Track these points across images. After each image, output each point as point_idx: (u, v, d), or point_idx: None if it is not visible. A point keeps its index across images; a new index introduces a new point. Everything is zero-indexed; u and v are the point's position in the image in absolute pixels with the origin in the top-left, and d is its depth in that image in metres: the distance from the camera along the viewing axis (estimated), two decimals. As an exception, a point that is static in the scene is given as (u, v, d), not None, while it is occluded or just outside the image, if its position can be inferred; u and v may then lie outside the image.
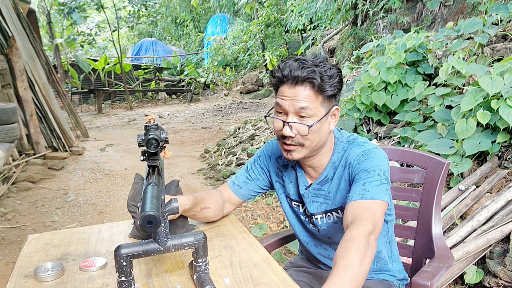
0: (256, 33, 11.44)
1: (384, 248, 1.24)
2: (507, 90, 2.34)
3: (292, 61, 1.07)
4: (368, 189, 1.02)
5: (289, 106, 1.06)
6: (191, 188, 4.18)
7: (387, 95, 3.44)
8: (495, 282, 1.91)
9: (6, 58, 5.13)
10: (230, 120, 8.75)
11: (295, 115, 1.06)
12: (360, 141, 1.15)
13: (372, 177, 1.04)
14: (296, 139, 1.08)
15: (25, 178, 4.40)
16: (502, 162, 2.49)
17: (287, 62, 1.07)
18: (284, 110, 1.07)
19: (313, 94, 1.05)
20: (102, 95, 11.59)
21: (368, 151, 1.10)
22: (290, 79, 1.05)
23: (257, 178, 1.30)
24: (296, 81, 1.05)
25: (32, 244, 1.17)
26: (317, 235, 1.25)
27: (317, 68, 1.04)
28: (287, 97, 1.06)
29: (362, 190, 1.03)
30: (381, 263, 1.23)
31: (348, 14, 7.23)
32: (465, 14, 4.95)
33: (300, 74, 1.03)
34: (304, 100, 1.05)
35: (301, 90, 1.05)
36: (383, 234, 1.22)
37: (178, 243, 0.86)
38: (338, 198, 1.16)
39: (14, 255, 2.84)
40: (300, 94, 1.05)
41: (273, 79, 1.10)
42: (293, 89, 1.05)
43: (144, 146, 0.91)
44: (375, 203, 1.00)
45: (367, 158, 1.08)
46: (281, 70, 1.07)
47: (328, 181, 1.17)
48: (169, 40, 20.20)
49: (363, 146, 1.12)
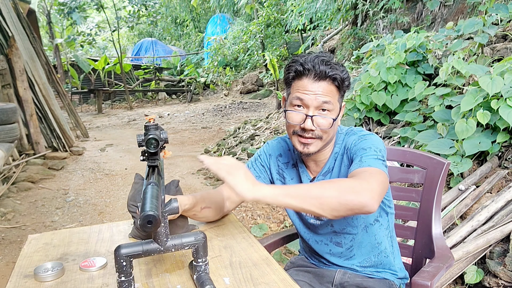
0: (256, 33, 11.44)
1: (386, 241, 1.24)
2: (507, 90, 2.34)
3: (313, 56, 1.09)
4: (364, 160, 1.05)
5: (313, 100, 1.08)
6: (191, 188, 4.18)
7: (387, 95, 3.44)
8: (495, 282, 1.91)
9: (6, 58, 5.13)
10: (230, 120, 8.75)
11: (316, 109, 1.09)
12: (356, 130, 1.20)
13: (368, 153, 1.07)
14: (316, 132, 1.10)
15: (25, 178, 4.40)
16: (502, 162, 2.49)
17: (306, 57, 1.09)
18: (305, 104, 1.09)
19: (335, 90, 1.10)
20: (102, 95, 11.59)
21: (364, 135, 1.15)
22: (313, 73, 1.07)
23: (258, 176, 1.31)
24: (320, 76, 1.07)
25: (32, 244, 1.17)
26: (319, 228, 1.26)
27: (337, 66, 1.09)
28: (310, 91, 1.08)
29: (360, 162, 1.05)
30: (381, 256, 1.24)
31: (348, 14, 7.23)
32: (465, 14, 4.95)
33: (325, 69, 1.07)
34: (328, 95, 1.08)
35: (325, 85, 1.08)
36: (384, 226, 1.23)
37: (178, 243, 0.86)
38: None
39: (14, 255, 2.84)
40: (324, 89, 1.08)
41: (291, 73, 1.11)
42: (317, 83, 1.08)
43: (144, 146, 0.91)
44: (373, 169, 1.02)
45: (363, 140, 1.13)
46: (302, 64, 1.08)
47: (330, 171, 1.20)
48: (169, 40, 20.21)
49: (359, 133, 1.18)
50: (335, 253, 1.26)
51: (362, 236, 1.21)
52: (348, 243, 1.23)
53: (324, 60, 1.07)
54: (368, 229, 1.21)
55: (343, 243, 1.23)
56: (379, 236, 1.22)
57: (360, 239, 1.22)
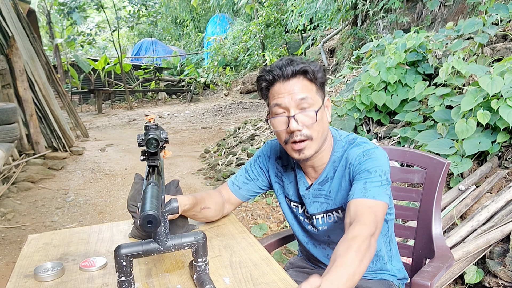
0: (256, 33, 11.45)
1: (384, 247, 1.24)
2: (507, 90, 2.34)
3: (277, 61, 1.09)
4: (369, 189, 1.02)
5: (289, 101, 1.06)
6: (191, 188, 4.18)
7: (387, 95, 3.44)
8: (495, 282, 1.91)
9: (6, 58, 5.13)
10: (230, 120, 8.75)
11: (296, 109, 1.06)
12: (360, 141, 1.14)
13: (373, 177, 1.04)
14: (304, 132, 1.07)
15: (25, 178, 4.40)
16: (502, 162, 2.49)
17: (272, 65, 1.10)
18: (285, 107, 1.07)
19: (308, 83, 1.08)
20: (102, 95, 11.59)
21: (369, 151, 1.09)
22: (282, 76, 1.07)
23: (256, 179, 1.30)
24: (288, 76, 1.06)
25: (32, 244, 1.17)
26: (315, 236, 1.25)
27: (304, 61, 1.08)
28: (284, 93, 1.06)
29: (364, 189, 1.03)
30: (380, 263, 1.23)
31: (348, 14, 7.24)
32: (465, 14, 4.95)
33: (292, 68, 1.06)
34: (302, 91, 1.06)
35: (296, 82, 1.07)
36: (382, 233, 1.22)
37: (178, 243, 0.86)
38: (339, 198, 1.16)
39: (14, 255, 2.84)
40: (296, 86, 1.06)
41: (263, 83, 1.11)
42: (288, 83, 1.07)
43: (144, 146, 0.91)
44: (377, 204, 1.00)
45: (368, 158, 1.08)
46: (269, 71, 1.08)
47: (328, 181, 1.17)
48: (169, 40, 20.21)
49: (363, 146, 1.12)
50: None
51: None
52: None
53: (288, 60, 1.07)
54: None
55: None
56: (378, 244, 1.21)
57: None
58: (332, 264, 0.85)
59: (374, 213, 0.98)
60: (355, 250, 0.86)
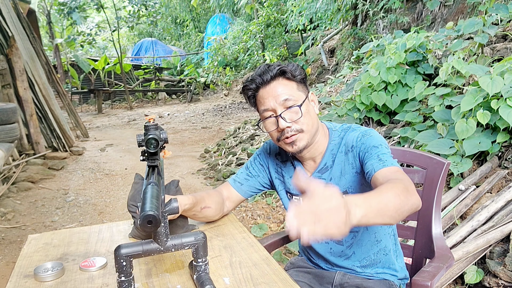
0: (256, 33, 11.44)
1: (388, 240, 1.25)
2: (507, 90, 2.34)
3: (255, 70, 1.17)
4: (385, 159, 1.06)
5: (274, 102, 1.13)
6: (191, 188, 4.18)
7: (387, 95, 3.44)
8: (495, 282, 1.91)
9: (6, 58, 5.13)
10: (230, 120, 8.75)
11: (282, 108, 1.13)
12: (354, 127, 1.21)
13: (382, 150, 1.09)
14: (293, 127, 1.13)
15: (25, 178, 4.40)
16: (502, 162, 2.48)
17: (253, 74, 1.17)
18: (272, 109, 1.14)
19: (288, 82, 1.14)
20: (102, 95, 11.59)
21: (366, 132, 1.16)
22: (263, 82, 1.14)
23: (257, 175, 1.33)
24: (268, 81, 1.14)
25: (32, 244, 1.17)
26: None
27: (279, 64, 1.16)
28: (269, 97, 1.14)
29: (380, 161, 1.06)
30: (380, 254, 1.24)
31: (348, 14, 7.24)
32: (465, 14, 4.95)
33: (270, 73, 1.13)
34: (284, 91, 1.13)
35: (276, 84, 1.14)
36: (388, 228, 1.24)
37: (178, 243, 0.86)
38: (343, 183, 1.19)
39: (14, 255, 2.84)
40: (277, 88, 1.13)
41: (249, 92, 1.17)
42: (269, 87, 1.14)
43: (144, 146, 0.91)
44: (397, 168, 1.03)
45: (368, 137, 1.14)
46: (251, 81, 1.16)
47: (327, 169, 1.20)
48: (169, 40, 20.22)
49: (359, 130, 1.18)
50: (335, 252, 1.26)
51: (363, 233, 1.22)
52: (349, 240, 1.23)
53: (266, 66, 1.15)
54: (369, 227, 1.21)
55: (344, 240, 1.23)
56: (379, 234, 1.23)
57: (360, 236, 1.22)
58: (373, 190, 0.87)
59: (402, 173, 1.00)
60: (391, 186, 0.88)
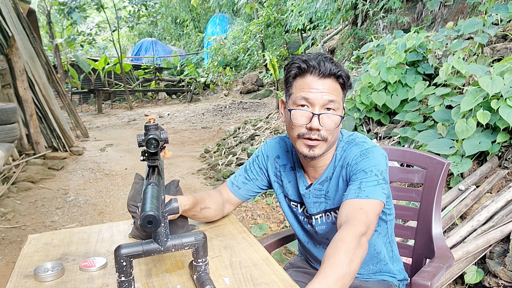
0: (256, 33, 11.44)
1: (384, 249, 1.23)
2: (507, 90, 2.34)
3: (315, 54, 1.07)
4: (364, 189, 1.02)
5: (318, 99, 1.04)
6: (191, 188, 4.18)
7: (387, 95, 3.44)
8: (495, 282, 1.91)
9: (6, 58, 5.13)
10: (230, 120, 8.75)
11: (321, 108, 1.05)
12: (359, 141, 1.14)
13: (369, 177, 1.04)
14: (322, 132, 1.05)
15: (25, 178, 4.40)
16: (502, 162, 2.48)
17: (308, 55, 1.07)
18: (311, 103, 1.05)
19: (339, 88, 1.07)
20: (102, 95, 11.59)
21: (366, 151, 1.09)
22: (318, 70, 1.04)
23: (255, 178, 1.29)
24: (325, 74, 1.04)
25: (32, 244, 1.17)
26: (315, 235, 1.25)
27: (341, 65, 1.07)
28: (316, 89, 1.04)
29: (358, 189, 1.02)
30: (380, 264, 1.23)
31: (348, 14, 7.23)
32: (465, 14, 4.95)
33: (330, 67, 1.04)
34: (333, 93, 1.05)
35: (330, 83, 1.05)
36: (382, 234, 1.22)
37: (178, 243, 0.86)
38: (338, 198, 1.15)
39: (14, 255, 2.84)
40: (329, 87, 1.05)
41: (293, 70, 1.07)
42: (322, 81, 1.04)
43: (144, 146, 0.91)
44: (370, 203, 1.00)
45: (364, 158, 1.07)
46: (305, 61, 1.05)
47: (327, 181, 1.16)
48: (169, 40, 20.20)
49: (361, 146, 1.11)
50: None
51: None
52: None
53: (328, 58, 1.05)
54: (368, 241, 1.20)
55: None
56: (378, 246, 1.21)
57: None
58: (321, 266, 0.84)
59: (365, 213, 0.97)
60: (343, 251, 0.85)
